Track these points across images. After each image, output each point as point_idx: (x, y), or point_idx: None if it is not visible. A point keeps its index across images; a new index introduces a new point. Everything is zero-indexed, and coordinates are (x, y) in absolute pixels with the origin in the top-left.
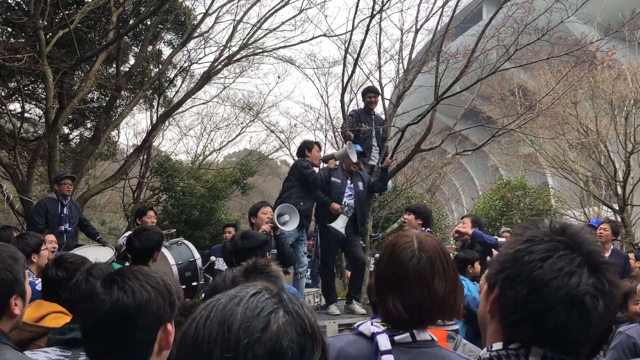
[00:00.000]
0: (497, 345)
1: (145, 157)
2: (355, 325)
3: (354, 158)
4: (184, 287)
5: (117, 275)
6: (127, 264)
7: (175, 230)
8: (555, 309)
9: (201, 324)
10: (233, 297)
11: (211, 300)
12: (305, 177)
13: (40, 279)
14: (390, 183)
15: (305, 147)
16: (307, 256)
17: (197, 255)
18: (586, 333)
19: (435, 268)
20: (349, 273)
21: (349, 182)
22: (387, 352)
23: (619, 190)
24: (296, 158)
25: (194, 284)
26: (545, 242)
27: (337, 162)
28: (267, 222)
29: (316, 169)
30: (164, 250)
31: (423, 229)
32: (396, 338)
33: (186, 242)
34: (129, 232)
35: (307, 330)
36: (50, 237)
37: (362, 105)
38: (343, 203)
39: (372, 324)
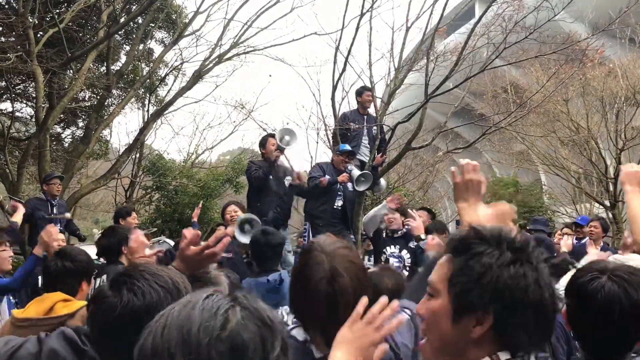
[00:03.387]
0: (504, 355)
1: (137, 156)
2: (288, 327)
3: (291, 144)
4: None
5: (125, 277)
6: None
7: (156, 229)
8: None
9: (159, 334)
10: (187, 303)
11: (163, 312)
12: (250, 181)
13: None
14: (382, 181)
15: (260, 146)
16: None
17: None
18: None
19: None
20: None
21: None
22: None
23: (610, 187)
24: (287, 158)
25: None
26: (526, 264)
27: (282, 153)
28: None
29: (284, 160)
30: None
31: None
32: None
33: (168, 240)
34: None
35: (266, 322)
36: (61, 236)
37: (353, 104)
38: (335, 205)
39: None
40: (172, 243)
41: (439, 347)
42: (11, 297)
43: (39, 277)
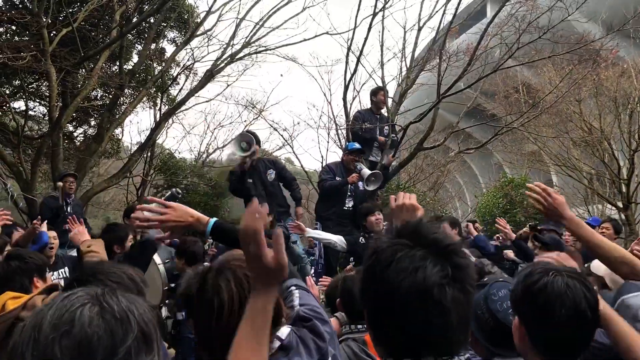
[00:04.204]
0: None
1: (148, 155)
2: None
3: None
4: (172, 285)
5: (76, 281)
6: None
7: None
8: (413, 309)
9: (18, 333)
10: (48, 304)
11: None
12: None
13: None
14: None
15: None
16: (310, 254)
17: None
18: (447, 325)
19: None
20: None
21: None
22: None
23: (623, 189)
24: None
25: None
26: (386, 249)
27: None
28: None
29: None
30: None
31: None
32: None
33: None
34: None
35: (117, 316)
36: (52, 234)
37: (365, 104)
38: (345, 206)
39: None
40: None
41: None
42: None
43: None
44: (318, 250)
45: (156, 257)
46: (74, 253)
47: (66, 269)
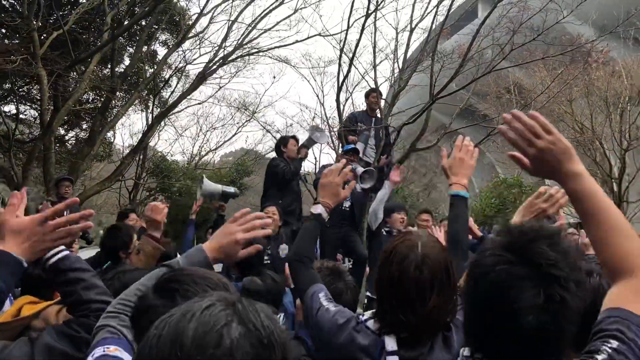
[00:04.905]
0: (466, 352)
1: (141, 158)
2: (363, 318)
3: (321, 141)
4: None
5: (173, 283)
6: None
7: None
8: (498, 323)
9: (154, 344)
10: (185, 313)
11: (164, 317)
12: (276, 175)
13: None
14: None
15: (281, 144)
16: None
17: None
18: (525, 348)
19: (435, 283)
20: None
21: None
22: (393, 352)
23: (615, 188)
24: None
25: None
26: (489, 257)
27: (308, 150)
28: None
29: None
30: None
31: None
32: (402, 336)
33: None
34: None
35: (263, 341)
36: None
37: (358, 105)
38: (342, 206)
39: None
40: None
41: None
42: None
43: None
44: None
45: None
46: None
47: None
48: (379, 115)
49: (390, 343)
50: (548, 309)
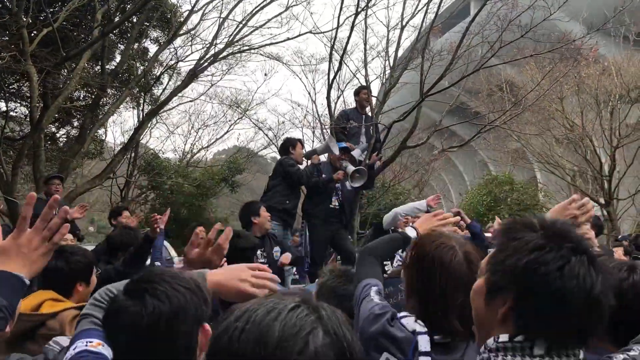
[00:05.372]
0: (504, 337)
1: (132, 155)
2: (399, 315)
3: (335, 150)
4: None
5: (144, 283)
6: None
7: (149, 229)
8: (577, 313)
9: (236, 337)
10: (271, 310)
11: (247, 309)
12: (290, 175)
13: None
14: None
15: (289, 145)
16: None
17: (173, 253)
18: (599, 325)
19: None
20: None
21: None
22: (425, 353)
23: (605, 185)
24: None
25: None
26: (554, 251)
27: (320, 157)
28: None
29: (300, 167)
30: None
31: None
32: (435, 338)
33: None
34: None
35: (345, 353)
36: None
37: (349, 103)
38: (332, 204)
39: (415, 321)
40: (166, 244)
41: (476, 324)
42: None
43: None
44: (303, 249)
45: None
46: None
47: None
48: (369, 112)
49: (424, 344)
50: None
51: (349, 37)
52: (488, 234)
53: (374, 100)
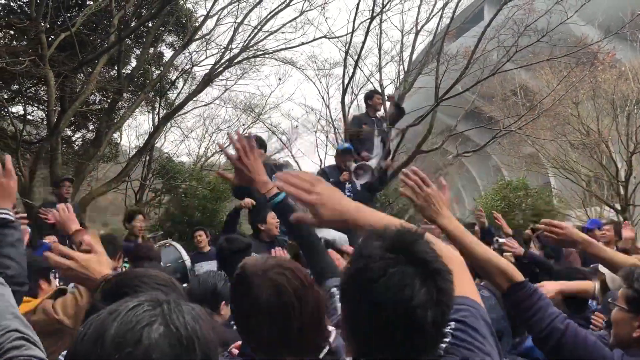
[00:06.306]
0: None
1: (147, 159)
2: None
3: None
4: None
5: (121, 287)
6: None
7: (162, 232)
8: (394, 324)
9: (79, 341)
10: (112, 312)
11: (94, 315)
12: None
13: None
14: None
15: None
16: None
17: (185, 256)
18: (423, 342)
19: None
20: None
21: (347, 183)
22: None
23: (621, 191)
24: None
25: (185, 285)
26: (379, 261)
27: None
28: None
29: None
30: None
31: None
32: None
33: (174, 243)
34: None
35: (183, 342)
36: (52, 238)
37: (363, 107)
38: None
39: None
40: (179, 246)
41: None
42: None
43: None
44: None
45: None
46: None
47: None
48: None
49: None
50: (439, 301)
51: (363, 42)
52: (502, 240)
53: (387, 104)
